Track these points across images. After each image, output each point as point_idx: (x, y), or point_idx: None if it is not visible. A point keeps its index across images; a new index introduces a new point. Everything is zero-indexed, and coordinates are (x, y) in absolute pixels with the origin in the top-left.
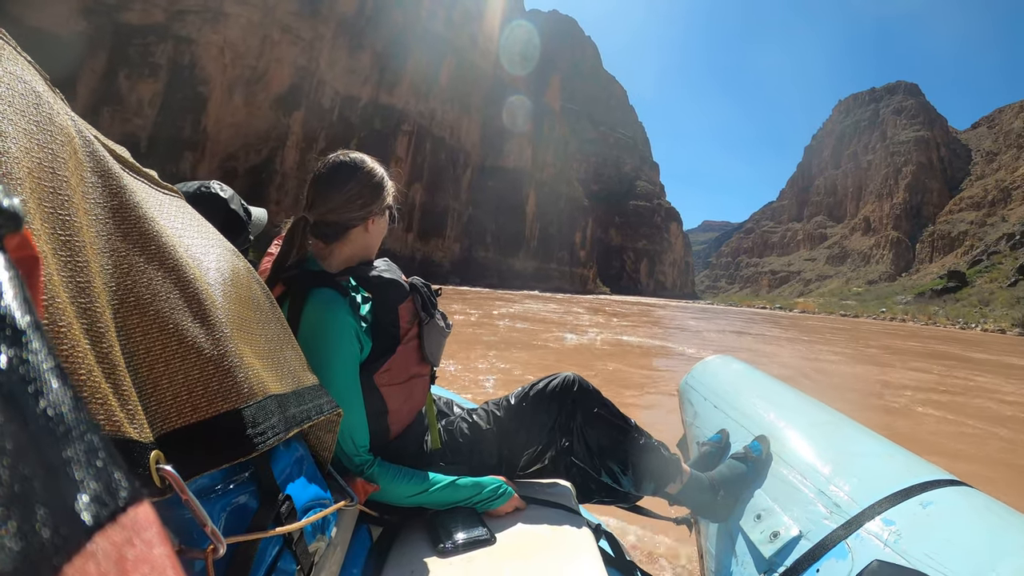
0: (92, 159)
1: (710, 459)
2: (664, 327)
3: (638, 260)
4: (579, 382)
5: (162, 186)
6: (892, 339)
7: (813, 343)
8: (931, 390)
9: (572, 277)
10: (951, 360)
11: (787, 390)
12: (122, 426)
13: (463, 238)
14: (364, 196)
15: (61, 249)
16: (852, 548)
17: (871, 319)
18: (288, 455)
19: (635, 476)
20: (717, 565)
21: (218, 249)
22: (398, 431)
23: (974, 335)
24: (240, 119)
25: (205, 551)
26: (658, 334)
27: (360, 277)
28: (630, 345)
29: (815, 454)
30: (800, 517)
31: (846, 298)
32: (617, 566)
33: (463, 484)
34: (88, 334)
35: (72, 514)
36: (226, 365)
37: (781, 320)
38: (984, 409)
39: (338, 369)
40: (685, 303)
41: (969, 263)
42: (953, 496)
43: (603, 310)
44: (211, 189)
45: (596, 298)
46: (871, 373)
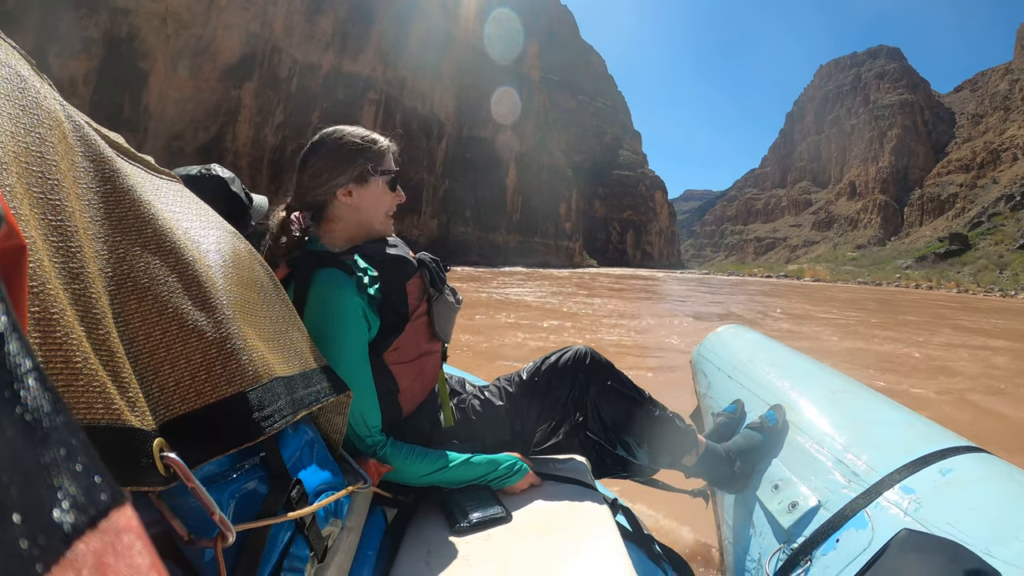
0: (83, 144)
1: (725, 430)
2: (672, 302)
3: (624, 231)
4: (591, 355)
5: (159, 171)
6: (954, 312)
7: (871, 324)
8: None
9: (558, 251)
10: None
11: (801, 358)
12: (122, 414)
13: (440, 213)
14: (329, 168)
15: (52, 235)
16: (872, 517)
17: (894, 287)
18: (297, 439)
19: (651, 449)
20: (735, 536)
21: (218, 231)
22: (410, 410)
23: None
24: (186, 94)
25: (214, 539)
26: (671, 313)
27: (366, 255)
28: (663, 349)
29: (831, 423)
30: (818, 487)
31: (843, 263)
32: (635, 540)
33: (478, 461)
34: (83, 321)
35: (50, 522)
36: (229, 348)
37: (797, 290)
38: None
39: (347, 349)
40: (679, 274)
41: (968, 225)
42: (973, 463)
43: (599, 287)
44: (212, 171)
45: (585, 272)
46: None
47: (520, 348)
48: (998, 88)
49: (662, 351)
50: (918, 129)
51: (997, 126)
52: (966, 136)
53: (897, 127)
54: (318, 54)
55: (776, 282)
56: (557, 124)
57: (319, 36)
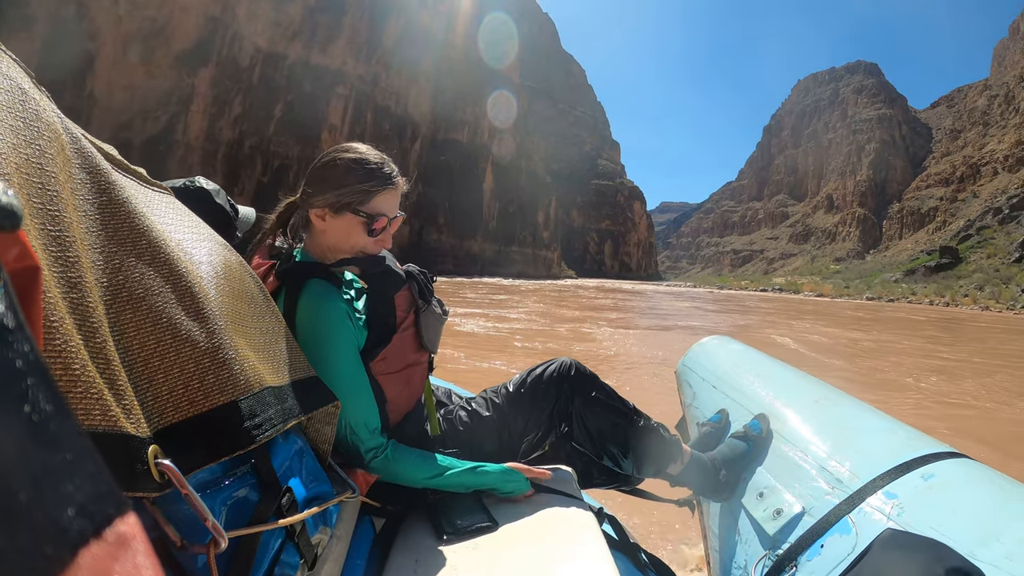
0: (79, 156)
1: (710, 439)
2: (697, 331)
3: (602, 241)
4: (576, 367)
5: (151, 183)
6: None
7: (947, 361)
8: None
9: (536, 260)
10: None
11: (785, 368)
12: (118, 421)
13: (412, 219)
14: (315, 183)
15: (51, 245)
16: (856, 523)
17: (905, 302)
18: (287, 448)
19: (636, 459)
20: (721, 544)
21: (209, 243)
22: (397, 420)
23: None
24: (136, 80)
25: (206, 545)
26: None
27: (355, 268)
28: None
29: (815, 431)
30: (802, 494)
31: (828, 276)
32: (621, 549)
33: (491, 470)
34: (81, 329)
35: (58, 529)
36: (221, 358)
37: (807, 308)
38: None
39: (341, 356)
40: (665, 287)
41: (954, 238)
42: (954, 468)
43: (593, 307)
44: (197, 183)
45: (566, 284)
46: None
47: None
48: (976, 104)
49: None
50: (896, 143)
51: (976, 140)
52: (944, 150)
53: (875, 141)
54: (284, 43)
55: (774, 297)
56: (536, 132)
57: (286, 24)
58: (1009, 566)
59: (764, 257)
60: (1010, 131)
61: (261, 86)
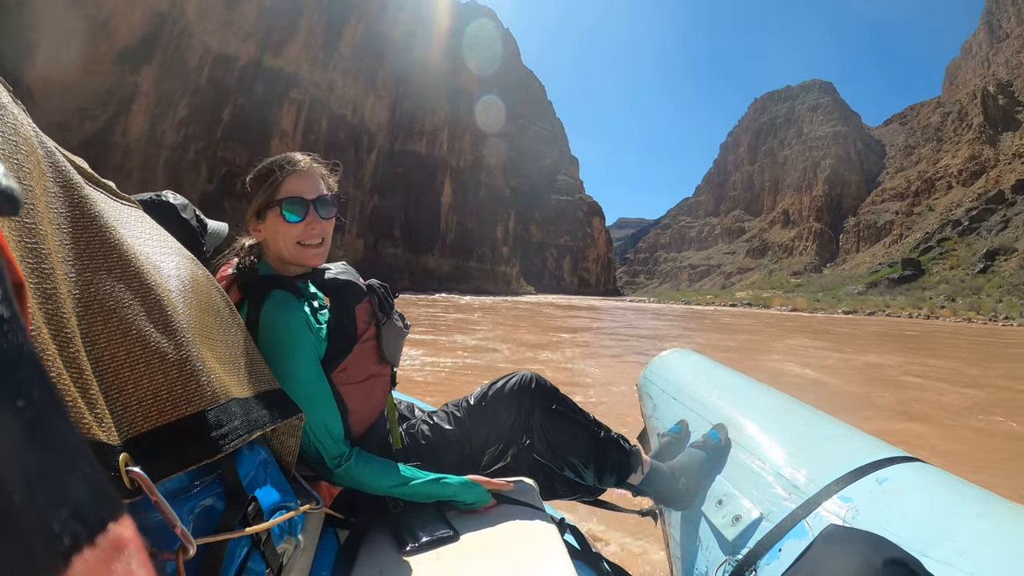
0: (54, 170)
1: (671, 449)
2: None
3: (560, 257)
4: (536, 380)
5: (120, 196)
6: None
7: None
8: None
9: (495, 276)
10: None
11: (743, 379)
12: (91, 428)
13: (367, 232)
14: (249, 200)
15: (28, 256)
16: (812, 527)
17: (883, 316)
18: (252, 458)
19: (597, 469)
20: (682, 551)
21: (177, 257)
22: (360, 432)
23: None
24: (74, 77)
25: (175, 552)
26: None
27: (317, 281)
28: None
29: (772, 439)
30: (760, 500)
31: (789, 289)
32: (583, 559)
33: (453, 482)
34: (55, 339)
35: (51, 535)
36: (189, 369)
37: (789, 323)
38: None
39: (301, 364)
40: (629, 302)
41: (914, 250)
42: (907, 472)
43: (564, 327)
44: (163, 198)
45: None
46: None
47: None
48: (930, 120)
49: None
50: (851, 159)
51: (930, 156)
52: (899, 166)
53: (830, 157)
54: (236, 43)
55: (746, 312)
56: (495, 146)
57: (239, 24)
58: (961, 563)
59: (721, 272)
60: (963, 146)
61: (209, 87)
